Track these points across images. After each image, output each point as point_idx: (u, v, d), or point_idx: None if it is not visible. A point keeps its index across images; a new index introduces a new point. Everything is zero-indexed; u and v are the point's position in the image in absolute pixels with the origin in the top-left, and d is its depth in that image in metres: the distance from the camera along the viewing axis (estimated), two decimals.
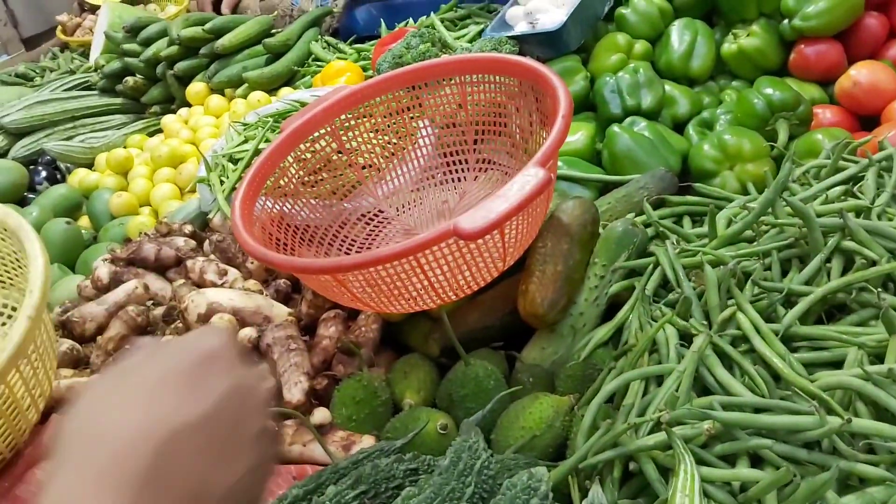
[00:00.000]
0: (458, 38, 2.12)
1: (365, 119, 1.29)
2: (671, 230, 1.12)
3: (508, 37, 1.55)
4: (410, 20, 2.24)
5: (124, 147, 1.95)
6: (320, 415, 0.99)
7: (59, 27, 2.88)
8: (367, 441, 0.97)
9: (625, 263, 1.06)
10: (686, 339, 0.93)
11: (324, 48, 2.27)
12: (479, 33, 2.13)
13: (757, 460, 0.76)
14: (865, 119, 1.40)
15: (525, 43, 1.57)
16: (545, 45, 1.55)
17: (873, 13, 1.47)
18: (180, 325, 1.21)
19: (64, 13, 2.90)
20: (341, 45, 2.29)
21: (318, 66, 2.18)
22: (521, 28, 1.59)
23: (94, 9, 2.89)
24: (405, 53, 1.50)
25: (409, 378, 1.10)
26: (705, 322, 0.93)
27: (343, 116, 1.27)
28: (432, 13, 2.28)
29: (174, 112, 2.12)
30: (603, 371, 0.96)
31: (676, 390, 0.84)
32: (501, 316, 1.11)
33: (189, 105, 2.11)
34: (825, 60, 1.46)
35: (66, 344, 1.20)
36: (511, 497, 0.72)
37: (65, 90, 2.21)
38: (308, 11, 2.47)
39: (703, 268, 0.94)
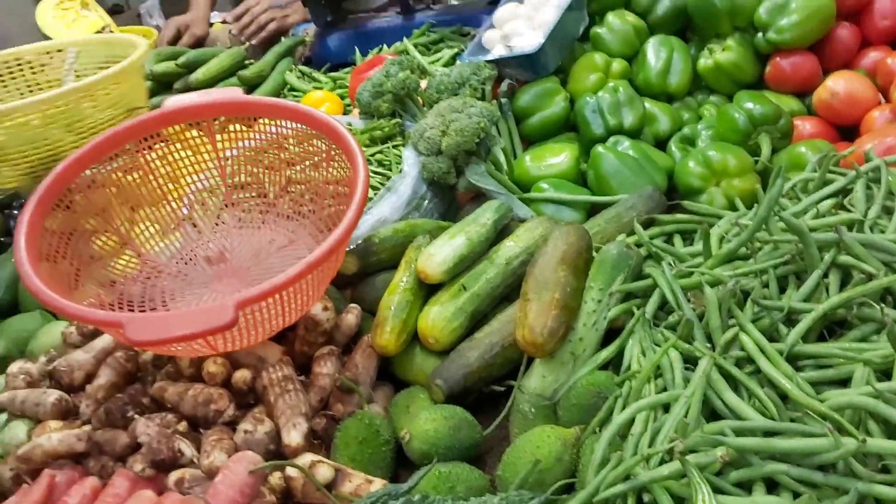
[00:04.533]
0: (432, 62, 2.12)
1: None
2: (665, 251, 1.12)
3: (486, 61, 1.55)
4: (385, 46, 2.23)
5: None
6: (325, 471, 0.96)
7: None
8: (377, 485, 0.95)
9: (622, 287, 1.06)
10: (690, 362, 0.93)
11: (298, 77, 2.26)
12: (453, 57, 2.13)
13: (772, 485, 0.76)
14: (844, 129, 1.42)
15: (503, 66, 1.57)
16: (523, 67, 1.55)
17: (845, 23, 1.50)
18: (171, 369, 1.18)
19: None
20: (315, 74, 2.28)
21: (294, 96, 2.17)
22: (497, 51, 1.59)
23: None
24: (385, 82, 1.49)
25: (412, 411, 1.08)
26: (709, 344, 0.92)
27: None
28: (405, 38, 2.28)
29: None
30: (608, 399, 0.95)
31: (685, 416, 0.83)
32: (501, 350, 1.10)
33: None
34: (801, 72, 1.48)
35: (55, 395, 1.16)
36: None
37: None
38: (280, 42, 2.47)
39: (703, 289, 0.94)
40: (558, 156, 1.44)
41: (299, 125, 1.27)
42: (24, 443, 1.11)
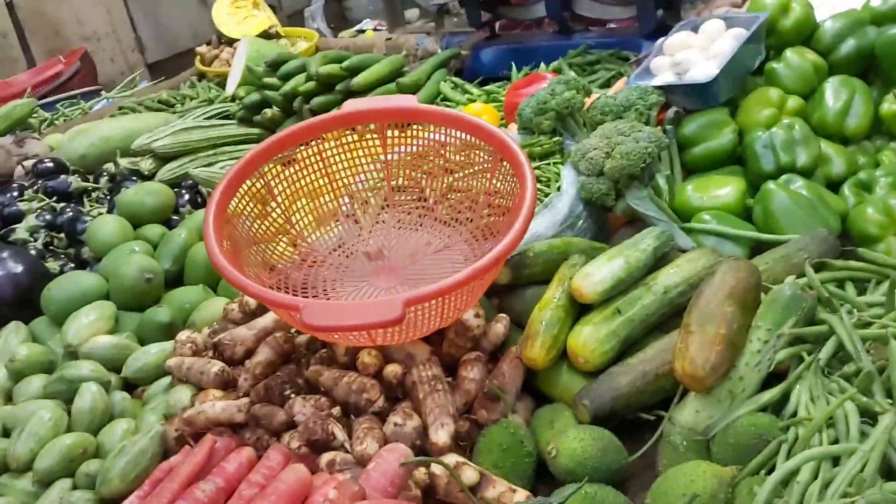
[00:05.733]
0: (588, 83, 2.12)
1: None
2: (840, 297, 1.07)
3: (654, 87, 1.53)
4: (543, 65, 2.25)
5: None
6: (470, 474, 0.98)
7: (198, 57, 3.04)
8: (520, 496, 0.95)
9: (795, 330, 1.01)
10: (865, 415, 0.88)
11: (452, 88, 2.32)
12: (609, 80, 2.12)
13: None
14: None
15: (671, 93, 1.54)
16: (693, 96, 1.52)
17: None
18: (325, 354, 1.23)
19: (203, 45, 3.07)
20: (468, 86, 2.32)
21: (447, 106, 2.22)
22: (666, 78, 1.57)
23: (230, 42, 3.05)
24: (549, 99, 1.51)
25: (556, 427, 1.08)
26: (889, 400, 0.87)
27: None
28: (560, 58, 2.29)
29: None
30: (771, 443, 0.91)
31: (861, 471, 0.79)
32: (654, 378, 1.08)
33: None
34: None
35: (217, 366, 1.24)
36: None
37: (206, 118, 2.32)
38: (435, 52, 2.54)
39: (888, 341, 0.89)
40: (723, 188, 1.41)
41: (466, 135, 1.30)
42: (188, 406, 1.19)
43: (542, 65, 2.29)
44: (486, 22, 2.56)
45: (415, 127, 1.34)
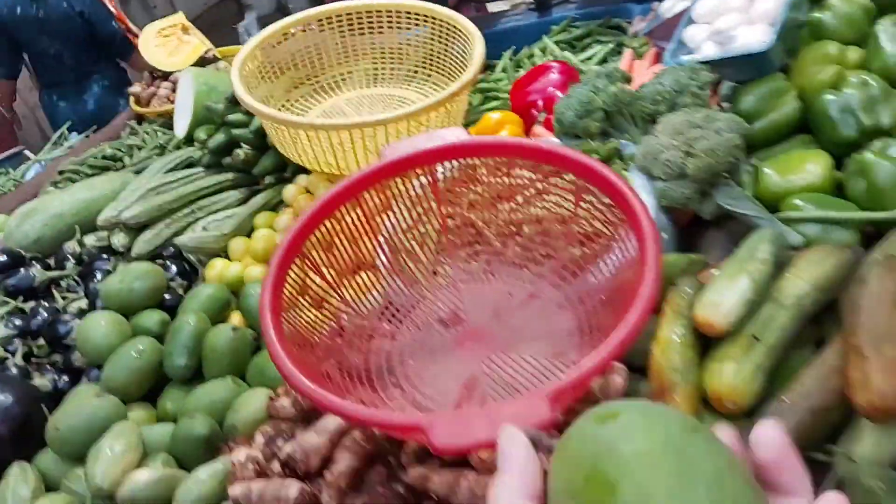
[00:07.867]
0: (583, 60, 1.95)
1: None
2: None
3: (700, 62, 1.36)
4: (525, 48, 2.07)
5: (253, 228, 1.81)
6: None
7: (132, 98, 2.75)
8: None
9: None
10: None
11: None
12: (606, 56, 1.96)
13: None
14: None
15: (717, 67, 1.38)
16: (745, 68, 1.36)
17: None
18: (417, 447, 1.04)
19: (136, 84, 2.77)
20: None
21: None
22: (708, 50, 1.40)
23: (165, 76, 2.76)
24: (594, 98, 1.32)
25: None
26: None
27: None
28: (544, 37, 2.11)
29: (288, 181, 1.97)
30: None
31: None
32: (823, 413, 0.93)
33: (306, 171, 1.95)
34: None
35: (295, 487, 1.03)
36: None
37: (167, 171, 2.06)
38: None
39: None
40: (807, 165, 1.25)
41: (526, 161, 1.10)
42: None
43: (525, 48, 2.11)
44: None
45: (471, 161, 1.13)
